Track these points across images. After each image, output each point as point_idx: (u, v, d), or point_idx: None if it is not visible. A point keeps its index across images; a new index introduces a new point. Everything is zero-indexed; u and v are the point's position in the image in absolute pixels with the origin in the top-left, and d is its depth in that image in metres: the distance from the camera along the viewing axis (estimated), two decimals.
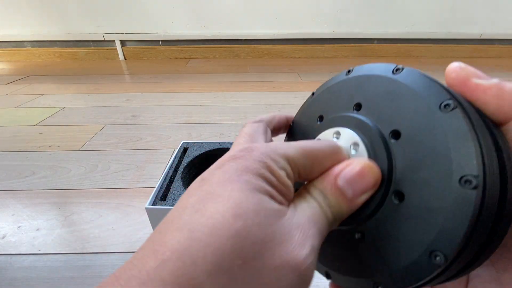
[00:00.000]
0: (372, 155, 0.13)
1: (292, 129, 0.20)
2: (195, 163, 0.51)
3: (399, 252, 0.12)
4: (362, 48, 1.63)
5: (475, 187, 0.10)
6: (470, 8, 1.52)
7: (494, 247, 0.11)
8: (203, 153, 0.52)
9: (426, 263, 0.11)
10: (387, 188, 0.13)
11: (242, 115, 0.87)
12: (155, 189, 0.42)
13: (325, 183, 0.13)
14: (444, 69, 0.13)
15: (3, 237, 0.44)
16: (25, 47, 1.58)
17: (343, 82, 0.16)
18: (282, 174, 0.12)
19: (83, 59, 1.62)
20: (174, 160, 0.50)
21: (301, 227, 0.11)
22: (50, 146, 0.70)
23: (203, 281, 0.09)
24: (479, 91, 0.12)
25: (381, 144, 0.13)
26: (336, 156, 0.13)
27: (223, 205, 0.10)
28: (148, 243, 0.10)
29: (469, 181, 0.10)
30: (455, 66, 0.12)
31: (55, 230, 0.45)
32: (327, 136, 0.16)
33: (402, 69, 0.13)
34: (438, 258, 0.10)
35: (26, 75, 1.31)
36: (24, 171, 0.60)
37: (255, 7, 1.50)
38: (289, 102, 0.97)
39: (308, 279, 0.10)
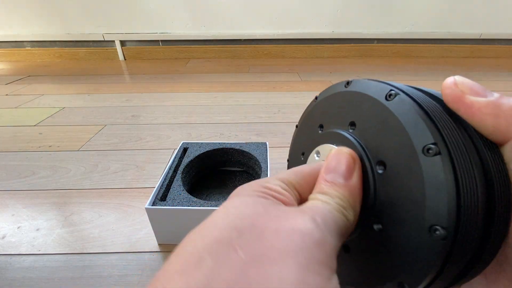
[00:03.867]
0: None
1: (297, 132, 0.21)
2: (195, 163, 0.51)
3: (369, 278, 0.12)
4: (362, 48, 1.63)
5: (443, 238, 0.10)
6: (470, 8, 1.52)
7: (474, 274, 0.12)
8: (203, 153, 0.52)
9: None
10: (368, 218, 0.13)
11: (242, 115, 0.87)
12: (155, 189, 0.42)
13: (318, 186, 0.13)
14: (444, 69, 0.13)
15: (3, 237, 0.44)
16: (25, 47, 1.58)
17: (342, 94, 0.16)
18: (277, 187, 0.13)
19: (83, 59, 1.62)
20: (174, 160, 0.50)
21: (302, 210, 0.11)
22: (50, 146, 0.70)
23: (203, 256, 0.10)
24: (474, 109, 0.11)
25: (370, 172, 0.14)
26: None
27: (222, 220, 0.11)
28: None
29: (438, 231, 0.10)
30: (450, 82, 0.12)
31: (55, 230, 0.45)
32: (325, 150, 0.17)
33: (395, 95, 0.13)
34: None
35: (26, 75, 1.31)
36: (24, 171, 0.60)
37: (255, 7, 1.50)
38: (289, 102, 0.97)
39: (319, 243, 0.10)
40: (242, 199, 0.12)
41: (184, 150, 0.53)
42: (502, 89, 1.08)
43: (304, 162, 0.19)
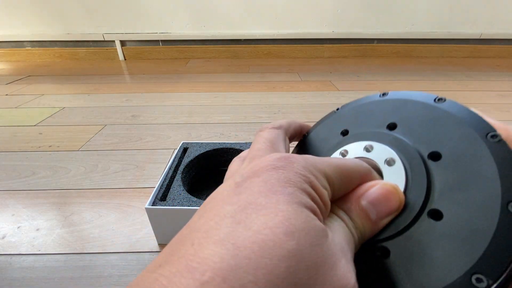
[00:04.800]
0: (409, 172, 0.13)
1: (307, 140, 0.19)
2: (195, 163, 0.51)
3: (432, 273, 0.11)
4: (362, 48, 1.63)
5: None
6: (470, 8, 1.52)
7: None
8: (203, 153, 0.52)
9: (466, 286, 0.10)
10: (423, 207, 0.12)
11: (242, 115, 0.87)
12: (155, 189, 0.42)
13: (349, 203, 0.12)
14: (444, 69, 0.13)
15: (3, 237, 0.44)
16: (25, 47, 1.58)
17: (376, 102, 0.16)
18: (324, 192, 0.11)
19: (83, 59, 1.62)
20: (174, 160, 0.50)
21: (343, 249, 0.10)
22: (50, 146, 0.70)
23: None
24: None
25: (420, 162, 0.13)
26: (366, 177, 0.13)
27: (271, 219, 0.09)
28: (177, 256, 0.08)
29: None
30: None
31: (55, 230, 0.45)
32: (356, 149, 0.15)
33: (445, 99, 0.14)
34: (480, 282, 0.10)
35: (26, 75, 1.31)
36: (24, 171, 0.60)
37: (255, 7, 1.50)
38: (289, 102, 0.97)
39: None
40: (291, 208, 0.09)
41: (184, 150, 0.53)
42: (502, 89, 1.08)
43: None
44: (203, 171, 0.54)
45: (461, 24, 1.56)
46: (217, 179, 0.55)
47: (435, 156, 0.13)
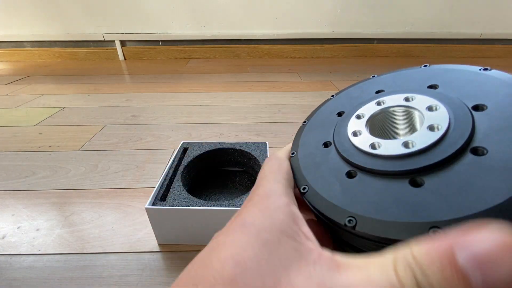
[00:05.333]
0: (452, 118, 0.13)
1: (335, 97, 0.19)
2: (195, 163, 0.51)
3: (475, 198, 0.10)
4: (362, 48, 1.63)
5: None
6: (470, 8, 1.52)
7: None
8: (203, 153, 0.52)
9: None
10: (466, 144, 0.12)
11: (242, 115, 0.87)
12: (155, 189, 0.42)
13: (427, 254, 0.08)
14: None
15: (3, 237, 0.44)
16: (25, 47, 1.58)
17: (416, 70, 0.16)
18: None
19: (83, 59, 1.62)
20: (174, 160, 0.50)
21: None
22: (50, 146, 0.70)
23: None
24: None
25: (465, 109, 0.13)
26: None
27: (224, 253, 0.10)
28: None
29: None
30: None
31: (55, 230, 0.45)
32: (395, 99, 0.15)
33: (490, 69, 0.14)
34: None
35: (26, 75, 1.31)
36: (24, 171, 0.60)
37: (255, 7, 1.50)
38: (289, 102, 0.97)
39: None
40: (247, 239, 0.10)
41: (184, 150, 0.53)
42: None
43: (341, 119, 0.17)
44: (203, 171, 0.54)
45: (461, 24, 1.56)
46: (217, 179, 0.55)
47: (480, 107, 0.13)
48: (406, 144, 0.13)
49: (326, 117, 0.18)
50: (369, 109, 0.16)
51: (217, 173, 0.56)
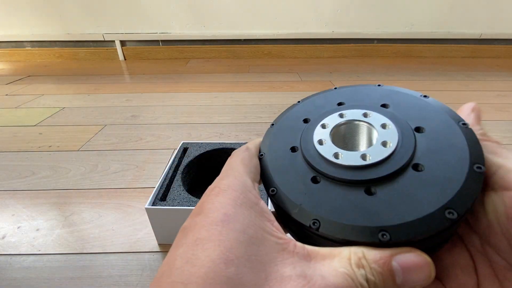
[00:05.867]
0: (400, 137, 0.15)
1: (301, 103, 0.20)
2: (195, 163, 0.51)
3: (414, 207, 0.13)
4: (362, 48, 1.63)
5: (482, 173, 0.13)
6: (470, 8, 1.52)
7: None
8: (203, 153, 0.52)
9: (441, 217, 0.12)
10: (409, 161, 0.14)
11: (242, 115, 0.87)
12: (155, 189, 0.42)
13: (372, 255, 0.12)
14: (444, 69, 0.13)
15: (3, 237, 0.44)
16: (25, 47, 1.58)
17: (371, 88, 0.19)
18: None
19: (83, 59, 1.62)
20: (174, 160, 0.50)
21: (309, 281, 0.10)
22: (50, 146, 0.70)
23: None
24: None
25: (409, 130, 0.16)
26: None
27: (213, 251, 0.10)
28: None
29: (480, 168, 0.13)
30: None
31: (55, 230, 0.45)
32: (354, 114, 0.18)
33: (428, 97, 0.17)
34: (451, 214, 0.12)
35: (26, 75, 1.31)
36: (24, 171, 0.60)
37: (255, 7, 1.50)
38: (289, 102, 0.97)
39: None
40: (233, 237, 0.11)
41: (184, 150, 0.53)
42: (502, 89, 1.08)
43: (307, 126, 0.18)
44: (203, 171, 0.54)
45: (461, 24, 1.56)
46: None
47: (420, 129, 0.16)
48: (363, 157, 0.15)
49: (293, 123, 0.19)
50: (333, 120, 0.18)
51: (217, 173, 0.56)
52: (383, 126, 0.16)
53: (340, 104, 0.19)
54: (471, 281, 0.14)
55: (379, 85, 0.19)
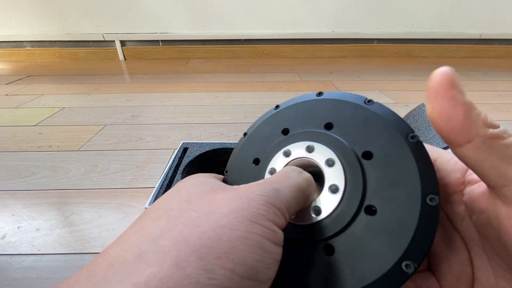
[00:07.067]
0: (347, 172, 0.14)
1: (249, 138, 0.20)
2: (195, 163, 0.51)
3: (371, 265, 0.12)
4: (362, 48, 1.63)
5: (436, 206, 0.12)
6: (470, 8, 1.52)
7: None
8: (203, 153, 0.52)
9: (398, 272, 0.12)
10: (361, 204, 0.14)
11: (242, 115, 0.87)
12: (155, 189, 0.42)
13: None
14: None
15: (3, 237, 0.44)
16: (25, 47, 1.58)
17: (313, 101, 0.18)
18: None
19: (83, 59, 1.62)
20: (174, 160, 0.50)
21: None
22: (50, 146, 0.70)
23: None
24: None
25: (356, 162, 0.14)
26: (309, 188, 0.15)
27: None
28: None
29: (434, 199, 0.12)
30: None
31: (55, 230, 0.45)
32: (298, 148, 0.17)
33: (373, 101, 0.16)
34: (408, 267, 0.12)
35: (26, 75, 1.31)
36: (24, 171, 0.60)
37: (255, 7, 1.50)
38: None
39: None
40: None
41: (184, 150, 0.53)
42: (502, 89, 1.08)
43: (258, 170, 0.18)
44: (203, 171, 0.54)
45: (461, 24, 1.56)
46: None
47: (367, 155, 0.14)
48: (316, 212, 0.14)
49: (244, 165, 0.19)
50: (280, 162, 0.17)
51: (217, 173, 0.56)
52: (329, 163, 0.15)
53: (284, 131, 0.18)
54: (466, 274, 0.13)
55: (319, 94, 0.18)
